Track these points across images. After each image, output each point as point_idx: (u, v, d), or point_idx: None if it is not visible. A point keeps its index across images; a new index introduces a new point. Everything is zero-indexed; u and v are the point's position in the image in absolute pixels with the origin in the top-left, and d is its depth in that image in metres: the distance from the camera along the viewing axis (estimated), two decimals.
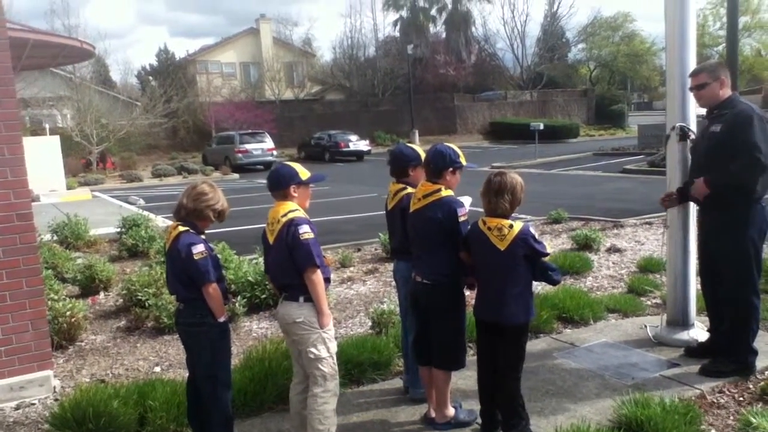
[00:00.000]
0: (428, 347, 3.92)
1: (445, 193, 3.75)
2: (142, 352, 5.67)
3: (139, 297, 6.46)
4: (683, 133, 4.82)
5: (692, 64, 4.83)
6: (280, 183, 3.61)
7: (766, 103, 36.35)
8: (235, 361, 4.79)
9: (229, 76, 46.29)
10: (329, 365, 3.51)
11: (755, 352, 4.48)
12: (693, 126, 4.88)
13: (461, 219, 3.68)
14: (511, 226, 3.52)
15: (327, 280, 3.56)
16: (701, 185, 4.37)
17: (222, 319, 3.59)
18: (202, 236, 3.62)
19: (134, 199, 18.16)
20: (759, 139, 4.13)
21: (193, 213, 3.61)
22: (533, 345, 5.04)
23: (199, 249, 3.50)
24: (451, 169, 3.80)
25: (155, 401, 4.01)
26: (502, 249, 3.52)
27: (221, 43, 49.64)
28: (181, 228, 3.58)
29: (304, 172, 3.66)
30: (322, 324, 3.49)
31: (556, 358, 4.95)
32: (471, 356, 4.29)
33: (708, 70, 4.45)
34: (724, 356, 4.50)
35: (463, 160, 3.86)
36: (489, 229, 3.57)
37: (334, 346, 3.59)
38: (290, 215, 3.48)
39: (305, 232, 3.42)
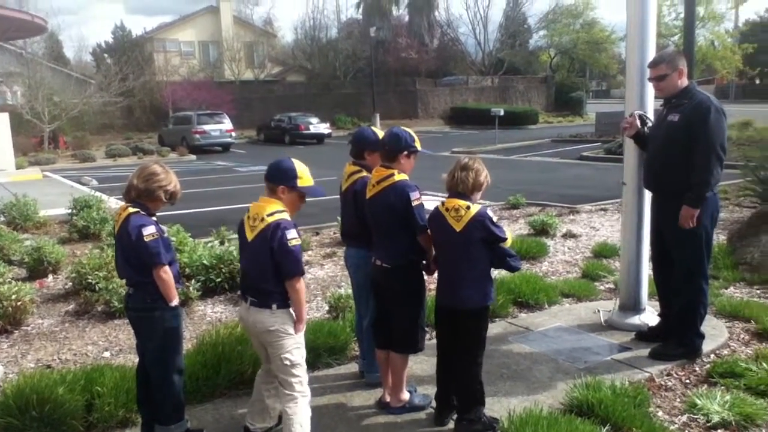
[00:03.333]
0: (387, 331, 3.91)
1: (399, 177, 3.72)
2: (91, 336, 5.53)
3: (89, 280, 6.29)
4: (642, 122, 4.87)
5: (651, 53, 4.87)
6: (273, 177, 3.39)
7: (718, 92, 37.27)
8: (188, 346, 4.71)
9: (187, 55, 45.37)
10: (303, 370, 3.41)
11: (702, 336, 4.59)
12: (651, 114, 4.94)
13: (414, 203, 3.65)
14: (468, 208, 3.52)
15: None
16: (689, 213, 4.34)
17: (174, 303, 3.50)
18: (153, 218, 3.52)
19: (87, 179, 17.69)
20: (716, 133, 4.23)
21: (144, 194, 3.49)
22: (490, 329, 5.02)
23: (149, 230, 3.40)
24: (405, 152, 3.78)
25: (103, 387, 3.90)
26: (458, 230, 3.51)
27: (180, 21, 48.52)
28: (131, 209, 3.46)
29: (305, 178, 3.40)
30: (297, 330, 3.39)
31: (511, 342, 5.00)
32: (429, 340, 4.28)
33: (667, 61, 4.49)
34: (673, 340, 4.60)
35: (418, 145, 3.84)
36: (447, 210, 3.58)
37: (304, 351, 3.48)
38: (277, 216, 3.28)
39: (294, 238, 3.26)
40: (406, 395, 3.97)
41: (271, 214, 3.30)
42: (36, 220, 10.30)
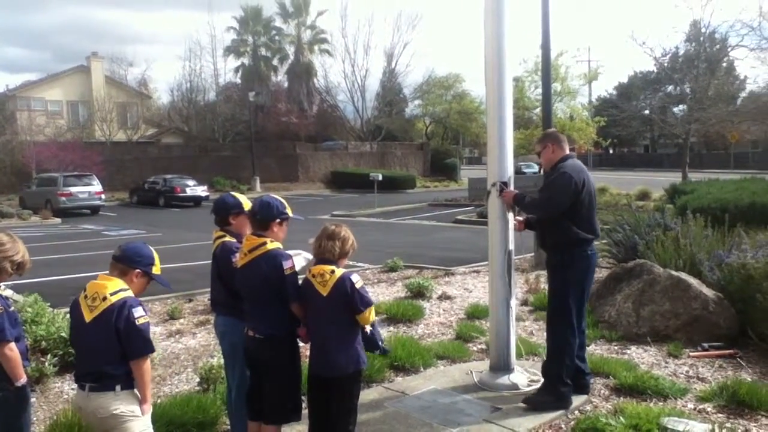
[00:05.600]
0: (259, 402, 3.80)
1: (271, 246, 3.70)
2: None
3: None
4: (502, 188, 5.17)
5: (509, 125, 5.26)
6: (130, 260, 3.29)
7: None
8: (40, 428, 4.33)
9: (54, 114, 43.28)
10: None
11: (567, 384, 4.85)
12: (511, 182, 5.25)
13: (287, 272, 3.64)
14: (332, 272, 3.57)
15: None
16: (507, 196, 5.18)
17: (20, 383, 3.22)
18: None
19: None
20: (556, 187, 4.88)
21: None
22: (365, 395, 5.03)
23: None
24: (278, 220, 3.78)
25: None
26: (324, 294, 3.54)
27: (47, 79, 46.44)
28: None
29: (157, 266, 3.40)
30: (144, 411, 3.21)
31: (387, 407, 4.98)
32: (304, 409, 4.19)
33: (539, 140, 5.23)
34: (542, 386, 4.99)
35: (289, 212, 3.86)
36: (313, 276, 3.62)
37: None
38: (122, 295, 3.17)
39: (141, 316, 3.15)
40: None
41: (115, 293, 3.17)
42: None
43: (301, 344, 3.89)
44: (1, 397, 3.18)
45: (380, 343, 3.80)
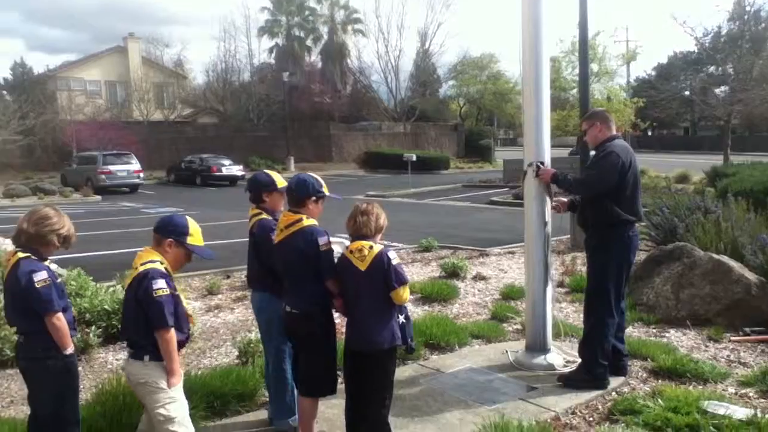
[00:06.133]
0: None
1: (307, 222, 3.74)
2: None
3: None
4: (538, 170, 5.13)
5: (546, 105, 5.20)
6: (163, 229, 3.39)
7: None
8: (86, 396, 4.47)
9: (93, 94, 43.92)
10: (181, 424, 3.28)
11: (602, 366, 4.83)
12: (548, 162, 5.20)
13: (323, 248, 3.68)
14: (371, 247, 3.59)
15: (181, 343, 3.35)
16: (544, 174, 5.16)
17: (68, 352, 3.33)
18: (46, 263, 3.36)
19: None
20: (602, 166, 4.83)
21: (34, 238, 3.34)
22: (401, 372, 5.07)
23: (41, 276, 3.24)
24: (314, 198, 3.81)
25: None
26: (363, 269, 3.56)
27: (85, 60, 47.19)
28: (21, 254, 3.31)
29: (196, 237, 3.43)
30: (170, 384, 3.27)
31: (422, 384, 5.02)
32: (340, 384, 4.24)
33: (586, 118, 5.17)
34: (579, 366, 4.96)
35: (325, 190, 3.88)
36: (351, 252, 3.63)
37: (183, 406, 3.34)
38: (149, 266, 3.25)
39: (159, 288, 3.20)
40: None
41: (144, 264, 3.26)
42: None
43: (337, 320, 3.93)
44: (51, 364, 3.29)
45: (409, 339, 3.79)
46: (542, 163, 5.15)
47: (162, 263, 3.30)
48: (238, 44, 51.02)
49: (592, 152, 5.45)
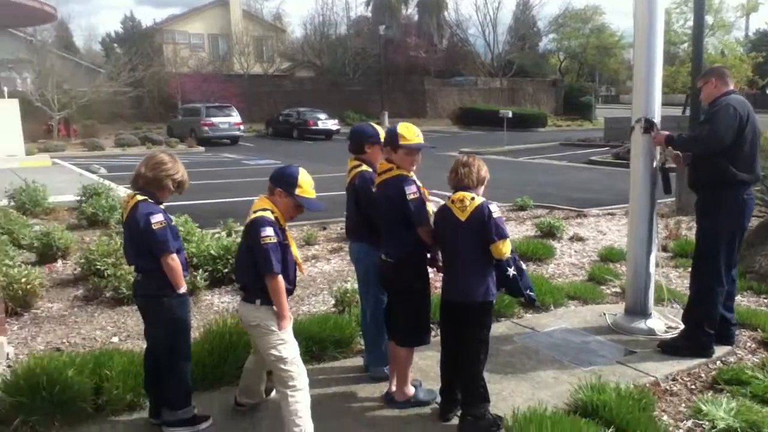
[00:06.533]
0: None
1: (397, 171, 3.75)
2: (99, 321, 5.56)
3: (98, 266, 6.31)
4: (648, 125, 4.89)
5: (659, 60, 4.92)
6: (275, 179, 3.47)
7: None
8: (195, 334, 4.73)
9: (196, 47, 45.38)
10: (293, 364, 3.40)
11: (708, 334, 4.63)
12: (658, 119, 4.95)
13: (410, 197, 3.67)
14: (473, 198, 3.56)
15: (289, 291, 3.45)
16: (658, 138, 4.89)
17: (182, 291, 3.54)
18: (161, 206, 3.55)
19: (96, 167, 17.75)
20: (717, 121, 4.50)
21: (152, 182, 3.53)
22: (495, 328, 5.04)
23: (157, 219, 3.43)
24: (404, 149, 3.75)
25: (112, 371, 3.93)
26: (463, 219, 3.54)
27: (189, 13, 48.56)
28: (139, 197, 3.50)
29: (305, 189, 3.45)
30: (281, 327, 3.39)
31: (516, 342, 5.01)
32: (435, 337, 4.30)
33: (702, 75, 4.89)
34: (682, 332, 4.80)
35: (420, 139, 3.81)
36: (452, 202, 3.62)
37: (294, 348, 3.46)
38: (259, 213, 3.35)
39: (267, 235, 3.27)
40: (410, 390, 3.99)
41: (256, 211, 3.37)
42: (45, 206, 10.35)
43: (432, 274, 3.95)
44: (167, 301, 3.51)
45: (528, 291, 3.74)
46: (650, 121, 4.89)
47: (273, 212, 3.39)
48: None
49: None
